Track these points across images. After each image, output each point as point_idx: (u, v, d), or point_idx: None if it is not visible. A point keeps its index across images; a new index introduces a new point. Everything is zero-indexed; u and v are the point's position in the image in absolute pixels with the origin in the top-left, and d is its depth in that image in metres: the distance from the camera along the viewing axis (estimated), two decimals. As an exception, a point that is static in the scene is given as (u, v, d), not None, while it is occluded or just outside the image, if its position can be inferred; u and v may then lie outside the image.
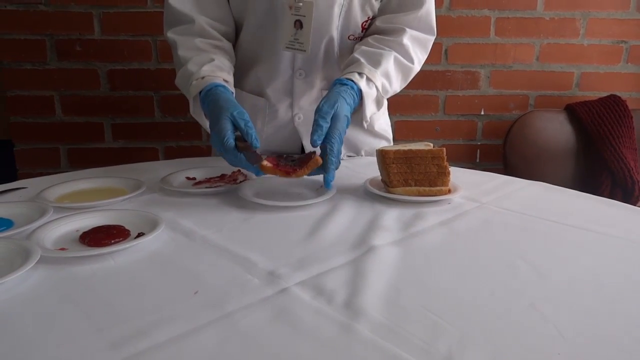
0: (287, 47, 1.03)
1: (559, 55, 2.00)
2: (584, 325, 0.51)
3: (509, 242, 0.73)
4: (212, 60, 1.00)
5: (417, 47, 1.09)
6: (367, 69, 1.01)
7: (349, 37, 1.08)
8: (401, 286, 0.59)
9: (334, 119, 0.90)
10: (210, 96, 0.94)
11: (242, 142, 0.88)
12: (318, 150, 0.91)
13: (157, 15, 1.80)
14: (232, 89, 0.99)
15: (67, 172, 1.06)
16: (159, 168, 1.04)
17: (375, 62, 1.02)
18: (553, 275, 0.62)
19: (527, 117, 1.92)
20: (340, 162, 0.91)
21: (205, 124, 1.00)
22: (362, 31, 1.09)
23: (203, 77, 0.97)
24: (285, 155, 0.92)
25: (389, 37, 1.07)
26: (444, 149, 0.88)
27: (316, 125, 0.89)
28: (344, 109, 0.92)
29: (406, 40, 1.06)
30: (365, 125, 1.08)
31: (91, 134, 1.90)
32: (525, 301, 0.55)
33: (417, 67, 1.10)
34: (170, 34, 1.06)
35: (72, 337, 0.49)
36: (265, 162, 0.85)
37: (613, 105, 1.91)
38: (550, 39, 1.98)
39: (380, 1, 1.07)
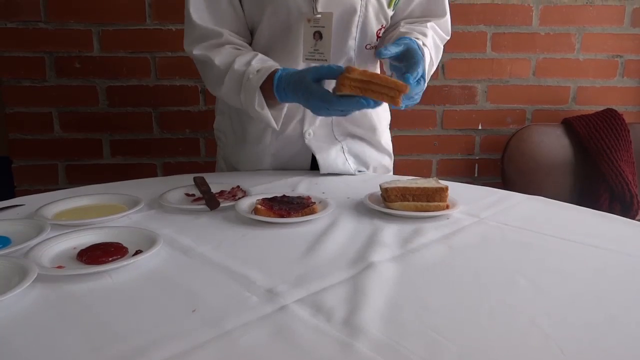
0: (307, 59, 1.04)
1: (555, 70, 2.02)
2: (584, 341, 0.51)
3: (508, 257, 0.72)
4: (256, 54, 1.02)
5: (438, 36, 1.17)
6: (418, 36, 1.06)
7: (366, 47, 1.11)
8: (400, 303, 0.58)
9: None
10: (284, 81, 0.95)
11: (201, 187, 0.98)
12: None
13: (156, 33, 1.81)
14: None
15: (65, 188, 1.06)
16: (158, 184, 1.04)
17: (422, 33, 1.09)
18: (553, 291, 0.61)
19: (525, 131, 1.93)
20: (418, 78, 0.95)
21: (270, 118, 1.01)
22: (377, 39, 1.13)
23: (258, 70, 0.98)
24: (282, 195, 0.91)
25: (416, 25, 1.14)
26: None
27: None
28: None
29: (430, 25, 1.14)
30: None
31: (89, 150, 1.90)
32: (525, 317, 0.55)
33: (444, 42, 1.17)
34: (197, 51, 1.06)
35: (69, 356, 0.48)
36: (258, 206, 0.86)
37: (610, 119, 1.92)
38: (546, 54, 2.00)
39: (393, 10, 1.11)
